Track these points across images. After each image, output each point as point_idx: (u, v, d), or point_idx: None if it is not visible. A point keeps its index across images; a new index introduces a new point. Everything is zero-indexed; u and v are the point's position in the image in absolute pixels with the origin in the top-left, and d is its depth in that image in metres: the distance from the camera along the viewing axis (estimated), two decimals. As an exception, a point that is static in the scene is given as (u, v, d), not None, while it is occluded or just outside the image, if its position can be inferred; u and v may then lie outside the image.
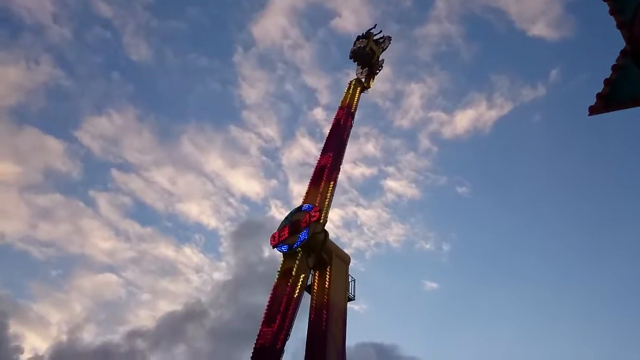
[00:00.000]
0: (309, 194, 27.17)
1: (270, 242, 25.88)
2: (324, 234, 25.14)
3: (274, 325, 22.30)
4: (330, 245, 25.74)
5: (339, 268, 26.21)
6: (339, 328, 24.72)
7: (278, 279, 24.38)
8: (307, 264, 24.41)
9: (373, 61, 34.75)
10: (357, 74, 34.37)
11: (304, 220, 25.04)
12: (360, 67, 34.64)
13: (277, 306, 23.24)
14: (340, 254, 26.54)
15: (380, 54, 35.08)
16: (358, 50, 34.53)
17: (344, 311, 25.61)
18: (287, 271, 24.26)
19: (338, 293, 25.61)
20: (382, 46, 34.95)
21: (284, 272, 24.45)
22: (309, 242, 24.49)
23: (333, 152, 28.71)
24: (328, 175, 27.41)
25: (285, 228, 25.69)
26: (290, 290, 23.30)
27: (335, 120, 30.95)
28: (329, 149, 29.13)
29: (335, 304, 24.88)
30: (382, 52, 35.10)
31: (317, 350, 23.21)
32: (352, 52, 34.71)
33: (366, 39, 34.50)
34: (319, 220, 24.92)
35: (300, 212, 26.04)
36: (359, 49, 34.52)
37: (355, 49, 34.58)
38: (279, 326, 22.25)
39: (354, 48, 34.66)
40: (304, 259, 24.27)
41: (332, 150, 28.92)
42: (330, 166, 27.89)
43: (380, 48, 34.93)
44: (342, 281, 26.29)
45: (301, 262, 24.14)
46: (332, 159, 28.35)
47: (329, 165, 27.89)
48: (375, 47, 34.78)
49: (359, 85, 32.71)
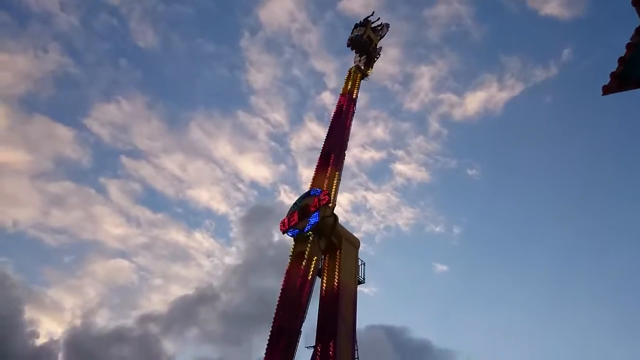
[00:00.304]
0: (316, 180, 27.37)
1: (280, 228, 26.00)
2: (333, 218, 25.31)
3: (290, 308, 22.45)
4: (339, 229, 25.91)
5: (349, 252, 26.36)
6: (349, 311, 24.90)
7: (291, 263, 24.56)
8: (319, 247, 24.57)
9: (371, 49, 34.95)
10: (355, 61, 34.53)
11: (313, 204, 25.20)
12: (359, 55, 34.82)
13: (291, 289, 23.44)
14: (350, 237, 26.70)
15: (378, 41, 35.31)
16: (356, 38, 34.70)
17: (354, 294, 25.76)
18: (300, 255, 24.45)
19: (348, 276, 25.75)
20: (380, 33, 35.19)
21: (296, 256, 24.63)
22: (319, 226, 24.63)
23: (337, 138, 28.91)
24: (334, 160, 27.59)
25: (294, 213, 25.82)
26: (304, 272, 23.51)
27: (338, 107, 31.15)
28: (333, 135, 29.33)
29: (345, 287, 25.05)
30: (380, 40, 35.33)
31: (327, 332, 23.37)
32: (349, 40, 34.89)
33: (364, 27, 34.71)
34: (328, 204, 25.07)
35: (308, 197, 26.21)
36: (357, 37, 34.69)
37: (353, 37, 34.76)
38: (295, 308, 22.41)
39: (352, 36, 34.85)
40: (315, 242, 24.44)
41: (336, 136, 29.12)
42: (336, 151, 28.06)
43: (377, 35, 35.15)
44: (352, 265, 26.44)
45: (313, 245, 24.31)
46: (337, 144, 28.54)
47: (335, 151, 28.06)
48: (373, 35, 35.01)
49: (358, 72, 32.90)
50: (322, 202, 25.03)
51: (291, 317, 22.28)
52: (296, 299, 22.78)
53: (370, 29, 34.81)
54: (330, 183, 26.44)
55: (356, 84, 32.22)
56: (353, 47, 34.92)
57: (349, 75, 33.02)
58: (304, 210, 25.54)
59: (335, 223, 25.40)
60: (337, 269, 25.34)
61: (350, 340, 23.83)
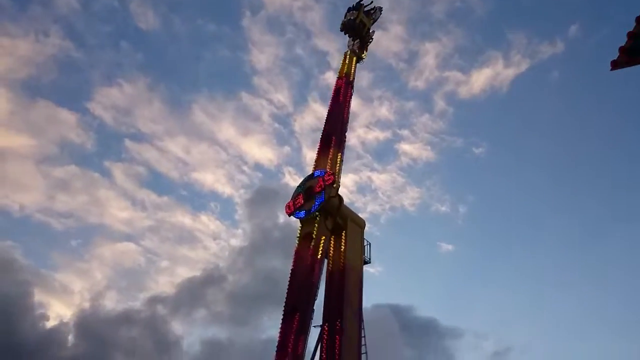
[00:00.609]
0: (318, 162, 27.39)
1: (286, 211, 25.99)
2: (338, 199, 25.36)
3: (301, 288, 22.51)
4: (345, 210, 25.99)
5: (355, 233, 26.46)
6: (356, 290, 25.12)
7: (299, 244, 24.63)
8: (326, 227, 24.60)
9: (364, 33, 34.89)
10: (348, 46, 34.50)
11: (319, 185, 25.24)
12: (352, 39, 34.79)
13: (301, 269, 23.50)
14: (355, 218, 26.80)
15: (370, 25, 35.27)
16: (348, 22, 34.64)
17: (360, 274, 25.95)
18: (307, 235, 24.50)
19: (354, 257, 25.90)
20: (373, 17, 35.16)
21: (303, 237, 24.70)
22: (325, 206, 24.66)
23: (337, 121, 28.90)
24: (336, 143, 27.60)
25: (299, 195, 25.85)
26: (313, 252, 23.54)
27: (335, 89, 31.15)
28: (332, 118, 29.33)
29: (351, 267, 25.22)
30: (372, 24, 35.32)
31: (334, 312, 23.56)
32: (342, 25, 34.84)
33: (356, 11, 34.67)
34: (333, 184, 25.10)
35: (313, 178, 26.20)
36: (349, 21, 34.64)
37: (346, 21, 34.70)
38: (306, 288, 22.47)
39: (345, 20, 34.78)
40: (322, 223, 24.47)
41: (335, 119, 29.11)
42: (337, 134, 28.08)
43: (370, 19, 35.12)
44: (358, 245, 26.56)
45: (320, 225, 24.34)
46: (337, 127, 28.54)
47: (335, 133, 28.07)
48: (366, 19, 34.97)
49: (354, 55, 32.89)
50: (327, 182, 25.06)
51: (303, 297, 22.40)
52: (307, 279, 22.87)
53: (363, 12, 34.75)
54: (334, 164, 26.44)
55: (352, 66, 32.21)
56: (346, 31, 34.85)
57: (345, 59, 33.00)
58: (309, 191, 25.55)
59: (340, 204, 25.45)
60: (343, 250, 25.45)
61: (357, 319, 24.12)
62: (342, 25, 34.85)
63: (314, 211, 24.71)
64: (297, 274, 23.42)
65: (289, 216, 25.77)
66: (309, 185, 25.96)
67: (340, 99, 30.20)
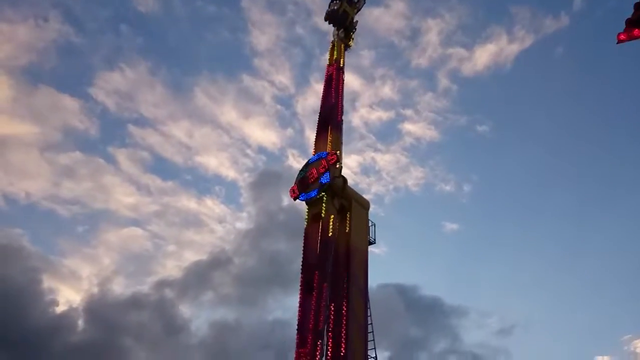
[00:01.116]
0: (317, 146, 27.36)
1: (291, 195, 25.88)
2: (342, 179, 25.33)
3: (315, 265, 22.40)
4: (349, 191, 26.01)
5: (359, 214, 26.47)
6: (361, 271, 25.18)
7: (308, 225, 24.59)
8: (334, 206, 24.53)
9: (347, 22, 35.16)
10: (333, 35, 34.72)
11: (322, 166, 25.20)
12: (336, 29, 35.02)
13: (312, 249, 23.40)
14: (360, 199, 26.82)
15: (354, 14, 35.51)
16: (332, 12, 34.89)
17: (365, 255, 26.05)
18: (316, 216, 24.45)
19: (359, 238, 25.94)
20: (357, 6, 35.44)
21: (312, 218, 24.64)
22: (331, 186, 24.59)
23: (332, 104, 28.95)
24: (333, 127, 27.61)
25: (302, 179, 25.67)
26: (323, 231, 23.46)
27: (327, 76, 31.30)
28: (327, 104, 29.38)
29: (356, 248, 25.30)
30: (356, 13, 35.60)
31: (340, 292, 23.60)
32: (326, 14, 35.06)
33: (340, 1, 34.92)
34: (337, 164, 25.07)
35: (314, 161, 26.10)
36: (333, 11, 34.87)
37: (329, 11, 34.95)
38: (321, 264, 22.37)
39: (328, 10, 35.02)
40: (329, 202, 24.40)
41: (330, 102, 29.18)
42: (333, 119, 28.12)
43: (354, 9, 35.39)
44: (363, 226, 26.59)
45: (328, 204, 24.29)
46: (332, 112, 28.57)
47: (332, 119, 28.10)
48: (349, 9, 35.22)
49: (341, 42, 33.07)
50: (331, 161, 25.03)
51: (317, 275, 22.27)
52: (320, 258, 22.73)
53: (346, 2, 35.04)
54: (334, 146, 26.43)
55: (341, 53, 32.39)
56: (330, 21, 35.07)
57: (333, 47, 33.16)
58: (313, 173, 25.44)
59: (345, 185, 25.43)
60: (347, 231, 25.40)
61: (363, 299, 24.29)
62: (326, 14, 35.07)
63: (318, 192, 24.63)
64: (308, 253, 23.29)
65: (294, 200, 25.59)
66: (312, 167, 25.88)
67: (333, 84, 30.29)
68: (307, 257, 23.31)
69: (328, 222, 23.75)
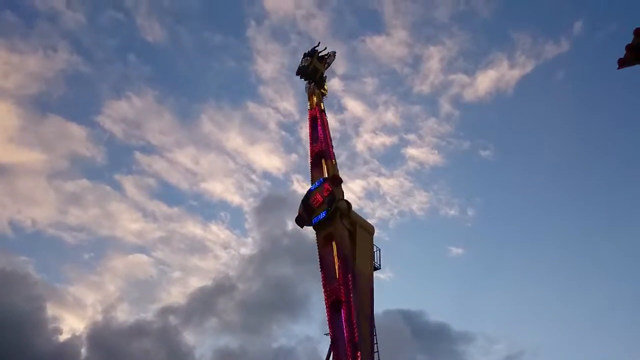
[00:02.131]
0: (314, 177, 27.09)
1: (298, 224, 25.44)
2: (346, 203, 24.92)
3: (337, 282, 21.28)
4: (353, 216, 25.61)
5: (364, 239, 25.85)
6: (367, 296, 24.26)
7: (320, 248, 23.82)
8: (344, 225, 23.81)
9: (317, 77, 36.70)
10: (306, 88, 36.03)
11: (326, 189, 24.82)
12: (307, 82, 36.41)
13: (330, 269, 22.38)
14: (364, 224, 26.31)
15: (324, 70, 37.08)
16: (303, 68, 36.41)
17: (371, 280, 25.18)
18: (327, 237, 23.79)
19: (364, 263, 25.24)
20: (327, 61, 37.15)
21: (323, 240, 23.88)
22: (337, 207, 24.10)
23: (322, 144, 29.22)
24: (327, 159, 27.68)
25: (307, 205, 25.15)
26: (339, 248, 22.60)
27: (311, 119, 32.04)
28: (316, 139, 29.78)
29: (361, 273, 24.54)
30: (326, 68, 37.21)
31: (346, 317, 22.41)
32: (298, 69, 36.49)
33: (310, 57, 36.54)
34: (340, 185, 24.79)
35: (316, 188, 25.77)
36: (304, 67, 36.41)
37: (301, 67, 36.43)
38: (344, 280, 21.25)
39: (300, 65, 36.49)
40: (339, 221, 23.74)
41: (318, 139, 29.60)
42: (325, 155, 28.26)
43: (324, 64, 37.04)
44: (367, 251, 25.91)
45: (338, 223, 23.62)
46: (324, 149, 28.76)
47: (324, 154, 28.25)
48: (319, 65, 36.82)
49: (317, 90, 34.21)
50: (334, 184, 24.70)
51: (343, 291, 21.02)
52: (342, 272, 21.61)
53: (317, 59, 36.67)
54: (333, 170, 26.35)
55: (320, 99, 33.39)
56: (301, 76, 36.47)
57: (310, 97, 34.17)
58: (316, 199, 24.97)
59: (349, 209, 24.98)
60: (352, 257, 24.55)
61: (369, 325, 23.34)
62: (297, 70, 36.48)
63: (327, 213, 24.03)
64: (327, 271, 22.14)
65: (301, 227, 24.79)
66: (314, 194, 25.49)
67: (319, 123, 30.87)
68: (327, 278, 22.11)
69: (342, 239, 22.88)
